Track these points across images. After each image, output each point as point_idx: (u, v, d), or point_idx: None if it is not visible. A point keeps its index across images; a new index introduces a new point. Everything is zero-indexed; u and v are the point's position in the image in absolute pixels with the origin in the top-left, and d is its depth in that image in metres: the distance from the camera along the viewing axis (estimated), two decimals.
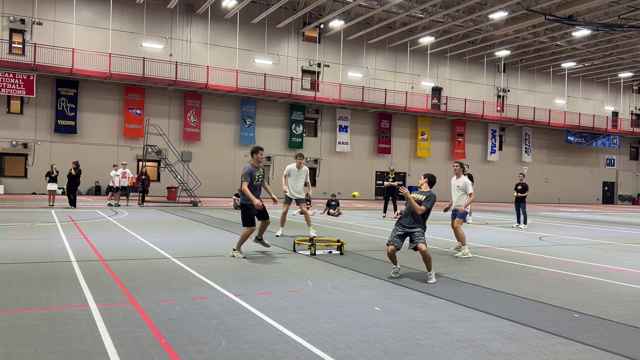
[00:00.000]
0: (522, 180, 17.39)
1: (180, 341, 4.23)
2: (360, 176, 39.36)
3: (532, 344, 4.45)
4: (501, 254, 10.18)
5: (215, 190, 33.19)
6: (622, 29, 33.90)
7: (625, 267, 8.90)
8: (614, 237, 14.75)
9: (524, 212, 16.86)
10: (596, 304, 6.01)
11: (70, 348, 4.00)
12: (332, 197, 20.95)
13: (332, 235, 12.25)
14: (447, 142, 43.17)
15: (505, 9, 31.43)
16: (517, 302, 6.03)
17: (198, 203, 23.88)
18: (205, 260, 8.19)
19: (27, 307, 5.17)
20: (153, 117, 31.37)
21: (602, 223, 20.62)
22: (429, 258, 7.01)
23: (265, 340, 4.32)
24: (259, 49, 35.71)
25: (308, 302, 5.66)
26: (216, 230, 13.20)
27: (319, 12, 35.13)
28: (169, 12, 33.21)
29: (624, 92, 51.97)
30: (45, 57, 29.44)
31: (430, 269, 7.02)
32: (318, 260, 8.57)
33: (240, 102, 35.31)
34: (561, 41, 39.64)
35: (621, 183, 52.39)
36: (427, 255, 6.97)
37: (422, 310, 5.50)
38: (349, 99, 37.59)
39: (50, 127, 30.61)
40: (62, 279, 6.53)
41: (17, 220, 14.17)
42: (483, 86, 44.29)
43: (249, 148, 35.82)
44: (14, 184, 30.02)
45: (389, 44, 39.49)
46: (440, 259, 9.15)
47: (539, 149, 47.61)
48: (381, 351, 4.14)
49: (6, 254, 8.29)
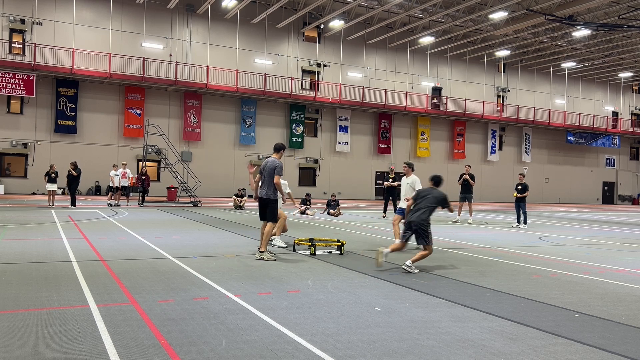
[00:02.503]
0: (522, 181, 17.40)
1: (180, 341, 4.23)
2: (360, 176, 39.36)
3: (532, 344, 4.45)
4: (501, 254, 10.18)
5: (215, 190, 33.19)
6: (622, 29, 33.90)
7: (625, 267, 8.90)
8: (614, 237, 14.75)
9: (524, 212, 16.88)
10: (596, 304, 6.01)
11: (70, 348, 4.00)
12: (332, 197, 20.94)
13: (332, 235, 12.26)
14: (447, 142, 43.17)
15: (505, 9, 31.42)
16: (517, 302, 6.03)
17: (198, 203, 23.88)
18: (205, 260, 8.19)
19: (27, 307, 5.17)
20: (153, 117, 31.38)
21: (602, 223, 20.62)
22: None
23: (265, 340, 4.32)
24: (259, 49, 35.71)
25: (308, 302, 5.66)
26: (216, 230, 13.20)
27: (319, 12, 35.13)
28: (169, 12, 33.21)
29: (624, 92, 51.97)
30: (45, 57, 29.44)
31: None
32: (318, 260, 8.57)
33: (240, 102, 35.31)
34: (561, 41, 39.63)
35: (621, 183, 52.39)
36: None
37: (422, 310, 5.50)
38: (349, 99, 37.59)
39: (50, 127, 30.61)
40: (62, 279, 6.53)
41: (17, 220, 14.17)
42: (483, 86, 44.29)
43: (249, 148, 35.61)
44: (14, 184, 30.02)
45: (389, 44, 39.49)
46: (440, 259, 9.15)
47: (539, 149, 47.61)
48: (381, 351, 4.14)
49: (6, 254, 8.29)
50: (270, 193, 8.75)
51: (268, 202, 8.82)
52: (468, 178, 17.77)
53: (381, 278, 7.17)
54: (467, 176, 17.81)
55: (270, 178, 8.71)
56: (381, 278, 7.17)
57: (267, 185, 8.80)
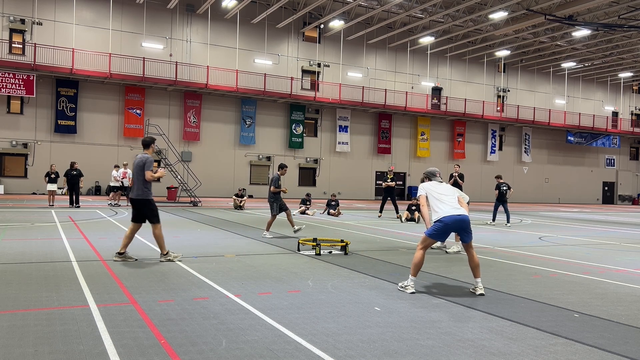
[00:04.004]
0: (503, 181, 18.67)
1: (180, 341, 4.23)
2: (360, 176, 39.37)
3: (532, 344, 4.45)
4: (501, 254, 10.17)
5: (215, 190, 33.20)
6: (622, 29, 33.90)
7: (625, 267, 8.90)
8: (614, 237, 14.75)
9: (506, 210, 17.89)
10: (596, 304, 6.01)
11: (70, 348, 4.00)
12: (332, 197, 20.94)
13: (332, 236, 12.26)
14: (447, 142, 43.17)
15: (505, 9, 31.43)
16: (517, 302, 6.02)
17: (198, 203, 23.88)
18: (205, 260, 8.19)
19: (27, 307, 5.17)
20: (153, 117, 31.38)
21: (602, 223, 20.62)
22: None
23: (265, 340, 4.32)
24: (259, 49, 35.71)
25: (308, 302, 5.65)
26: (216, 230, 13.20)
27: (319, 12, 35.13)
28: (169, 12, 33.21)
29: (624, 92, 51.97)
30: (45, 57, 29.44)
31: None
32: (318, 260, 8.57)
33: (240, 102, 35.31)
34: (561, 41, 39.63)
35: (621, 183, 52.39)
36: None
37: (422, 310, 5.50)
38: (349, 99, 37.59)
39: (50, 127, 30.62)
40: (62, 279, 6.53)
41: (17, 220, 14.16)
42: (483, 86, 44.29)
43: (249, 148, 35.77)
44: (14, 184, 30.02)
45: (389, 44, 39.49)
46: (440, 259, 9.15)
47: (539, 149, 47.61)
48: (381, 351, 4.14)
49: (6, 254, 8.29)
50: (141, 193, 7.96)
51: (142, 204, 8.05)
52: (457, 178, 17.87)
53: (381, 278, 7.17)
54: (456, 176, 17.94)
55: (139, 176, 7.90)
56: (381, 278, 7.17)
57: (136, 185, 7.99)
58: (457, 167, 18.79)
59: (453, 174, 18.05)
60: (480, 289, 6.32)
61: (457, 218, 6.34)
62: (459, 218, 6.35)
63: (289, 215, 11.92)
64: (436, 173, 7.00)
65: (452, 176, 18.05)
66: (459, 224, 6.38)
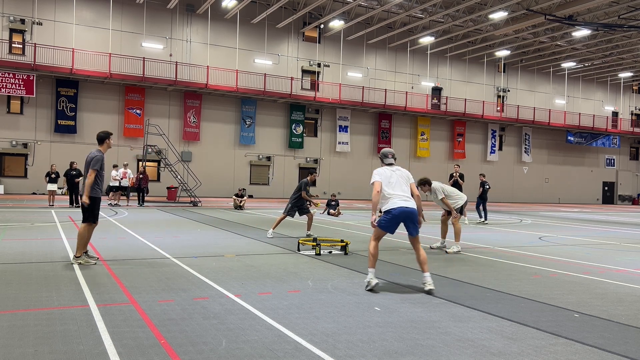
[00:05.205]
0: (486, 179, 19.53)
1: (180, 341, 4.23)
2: (360, 176, 39.28)
3: (532, 344, 4.45)
4: (501, 254, 10.18)
5: (215, 190, 33.19)
6: (622, 29, 33.90)
7: (625, 267, 8.90)
8: (614, 237, 14.75)
9: (484, 208, 18.52)
10: (596, 304, 6.01)
11: (70, 348, 4.00)
12: (332, 197, 20.94)
13: (332, 236, 12.26)
14: (447, 142, 43.17)
15: (505, 9, 31.43)
16: (517, 302, 6.02)
17: (198, 203, 23.88)
18: (205, 260, 8.19)
19: (27, 307, 5.17)
20: (153, 117, 31.37)
21: (602, 223, 20.62)
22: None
23: (265, 340, 4.32)
24: (259, 49, 35.71)
25: (308, 302, 5.65)
26: (216, 230, 13.20)
27: (319, 12, 35.13)
28: (169, 12, 33.21)
29: (624, 92, 51.96)
30: (45, 57, 29.44)
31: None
32: (318, 260, 8.57)
33: (240, 102, 35.31)
34: (561, 41, 39.63)
35: (621, 183, 52.38)
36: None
37: (422, 310, 5.50)
38: (349, 99, 37.59)
39: (50, 127, 30.62)
40: (62, 279, 6.53)
41: (17, 220, 14.17)
42: (483, 86, 44.28)
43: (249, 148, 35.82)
44: (14, 184, 30.02)
45: (389, 44, 39.49)
46: (440, 259, 9.15)
47: (539, 149, 47.60)
48: (381, 351, 4.13)
49: (6, 254, 8.29)
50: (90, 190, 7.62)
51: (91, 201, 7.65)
52: (458, 178, 17.87)
53: (381, 278, 7.16)
54: (457, 176, 17.93)
55: (86, 172, 7.64)
56: (381, 278, 7.16)
57: (83, 182, 7.62)
58: (457, 167, 18.84)
59: (453, 174, 18.05)
60: (429, 285, 6.27)
61: (406, 210, 6.37)
62: (407, 210, 6.37)
63: (310, 219, 12.06)
64: (389, 154, 6.99)
65: (452, 176, 18.05)
66: (406, 215, 6.39)
